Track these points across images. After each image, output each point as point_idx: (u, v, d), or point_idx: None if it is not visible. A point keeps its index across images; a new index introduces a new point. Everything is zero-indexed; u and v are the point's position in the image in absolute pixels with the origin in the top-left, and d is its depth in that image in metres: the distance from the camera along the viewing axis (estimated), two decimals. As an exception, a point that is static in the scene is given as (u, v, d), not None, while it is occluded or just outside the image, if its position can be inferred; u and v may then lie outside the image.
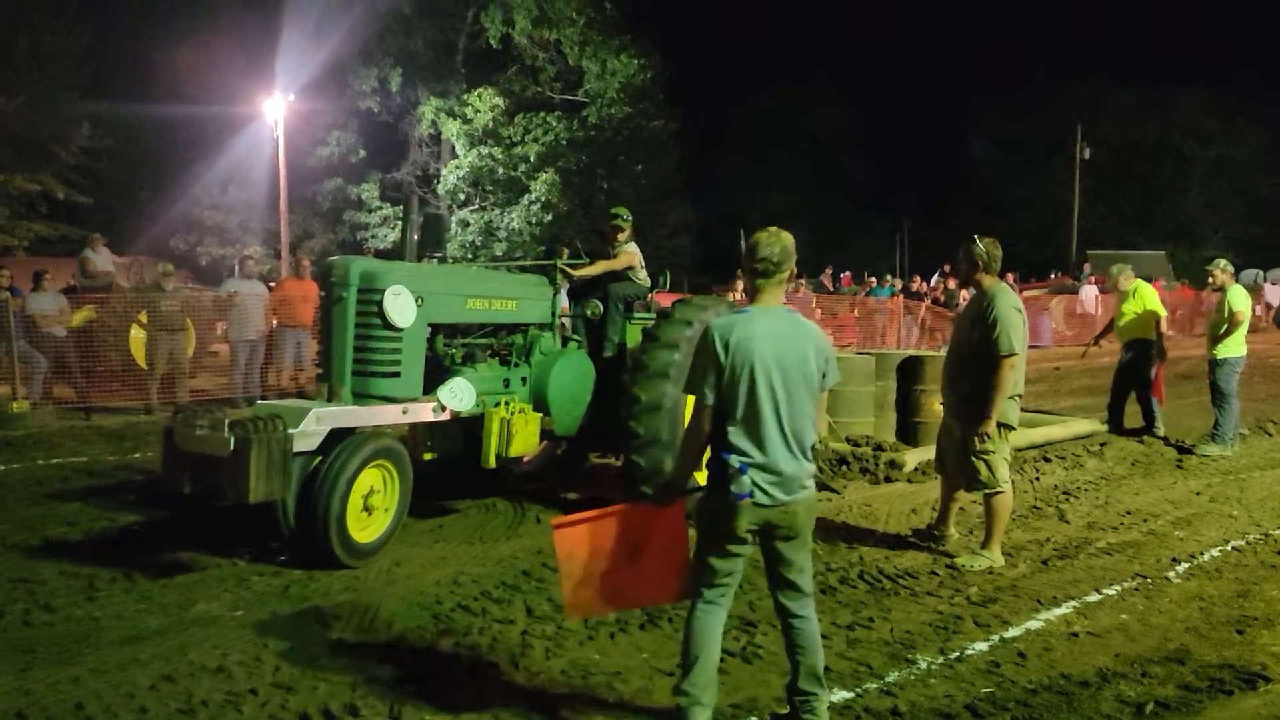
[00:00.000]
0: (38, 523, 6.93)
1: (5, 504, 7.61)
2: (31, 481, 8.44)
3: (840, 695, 4.30)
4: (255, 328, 12.53)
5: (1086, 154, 42.23)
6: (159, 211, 30.54)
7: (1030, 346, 20.63)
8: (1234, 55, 57.17)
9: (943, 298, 21.12)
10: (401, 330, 6.11)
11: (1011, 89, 51.85)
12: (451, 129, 29.51)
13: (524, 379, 7.08)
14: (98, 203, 30.97)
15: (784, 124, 50.14)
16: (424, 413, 6.28)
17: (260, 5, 28.92)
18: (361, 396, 6.06)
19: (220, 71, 29.04)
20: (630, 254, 7.89)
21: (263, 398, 10.71)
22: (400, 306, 6.05)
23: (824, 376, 3.73)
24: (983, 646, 4.86)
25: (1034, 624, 5.18)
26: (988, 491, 6.15)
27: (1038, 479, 8.66)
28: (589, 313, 7.54)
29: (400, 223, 29.30)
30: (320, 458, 5.69)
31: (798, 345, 3.65)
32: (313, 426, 5.55)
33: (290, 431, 5.40)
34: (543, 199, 29.17)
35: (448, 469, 6.99)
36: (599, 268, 7.80)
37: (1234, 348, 9.93)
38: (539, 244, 28.76)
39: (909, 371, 9.64)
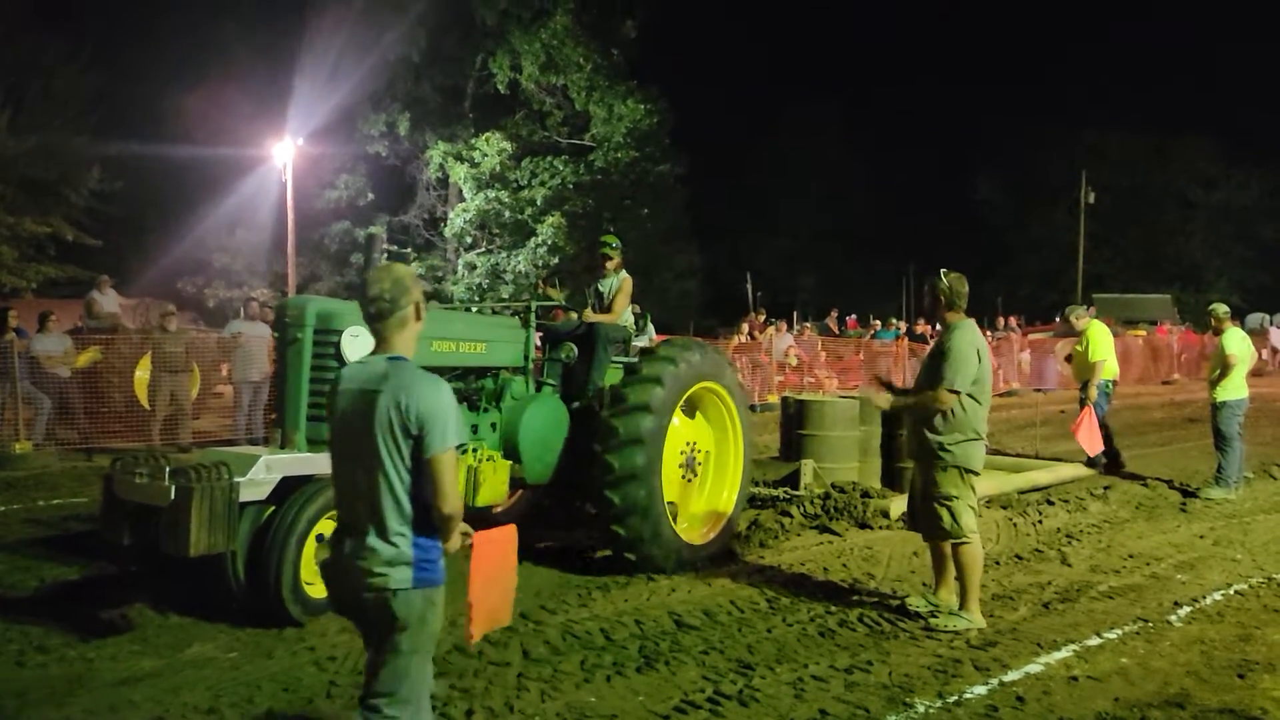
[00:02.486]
0: (35, 563, 6.93)
1: (4, 544, 7.61)
2: (31, 522, 8.45)
3: (836, 739, 4.27)
4: (259, 369, 12.58)
5: (1091, 198, 42.34)
6: (167, 254, 30.74)
7: (1035, 389, 20.64)
8: (1238, 101, 57.61)
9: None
10: None
11: (1017, 134, 52.18)
12: (459, 173, 29.75)
13: (494, 425, 6.76)
14: (107, 245, 31.21)
15: (791, 168, 50.47)
16: None
17: (271, 51, 29.30)
18: (318, 443, 5.74)
19: (230, 116, 29.38)
20: (629, 282, 7.75)
21: (265, 440, 10.68)
22: (359, 348, 5.72)
23: (419, 439, 3.02)
24: (981, 690, 4.82)
25: (1033, 668, 5.13)
26: (954, 542, 5.80)
27: (1040, 522, 8.62)
28: (564, 356, 7.25)
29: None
30: (273, 508, 5.45)
31: (377, 401, 3.04)
32: (262, 475, 5.32)
33: (236, 480, 5.16)
34: (549, 242, 29.31)
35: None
36: (619, 309, 7.62)
37: (1234, 390, 9.93)
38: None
39: (893, 416, 9.44)
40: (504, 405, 6.80)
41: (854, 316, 27.90)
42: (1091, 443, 10.60)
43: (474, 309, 8.44)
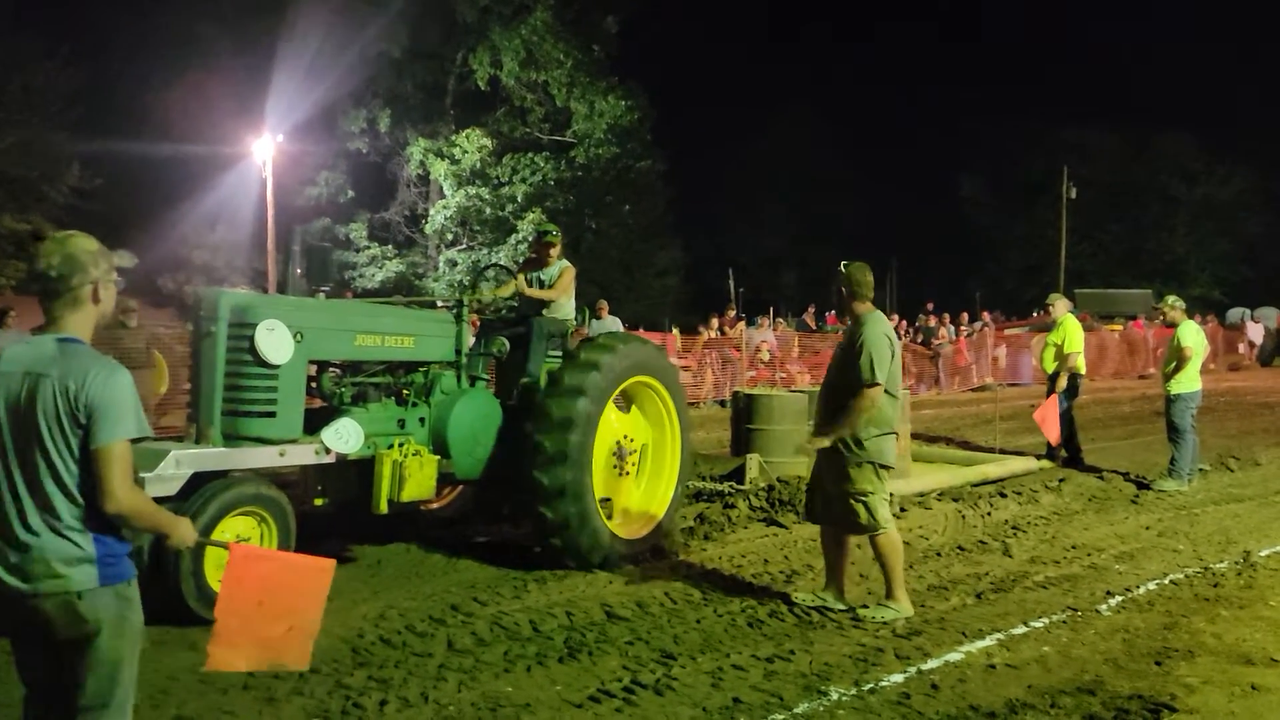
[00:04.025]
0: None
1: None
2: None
3: (745, 726, 4.32)
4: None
5: (1073, 194, 42.50)
6: (148, 250, 30.58)
7: (1009, 384, 20.70)
8: (1220, 96, 57.75)
9: (921, 336, 21.21)
10: (277, 367, 5.74)
11: (999, 131, 52.27)
12: (439, 169, 29.80)
13: (422, 419, 6.67)
14: (87, 242, 31.07)
15: (774, 164, 50.54)
16: (304, 455, 5.95)
17: (252, 48, 29.27)
18: (233, 438, 5.69)
19: (210, 112, 29.34)
20: (571, 270, 7.72)
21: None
22: (275, 342, 5.68)
23: (87, 428, 2.76)
24: (898, 678, 4.87)
25: (954, 656, 5.18)
26: (871, 534, 5.78)
27: (989, 514, 8.66)
28: (495, 350, 7.21)
29: (387, 261, 29.27)
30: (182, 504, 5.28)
31: (41, 386, 2.76)
32: (170, 470, 5.22)
33: (143, 475, 5.05)
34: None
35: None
36: (560, 288, 7.60)
37: (1187, 383, 10.01)
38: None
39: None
40: (433, 400, 6.74)
41: (833, 312, 27.91)
42: (1053, 431, 10.67)
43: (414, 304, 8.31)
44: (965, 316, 25.32)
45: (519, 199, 29.84)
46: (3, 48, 29.75)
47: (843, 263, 5.98)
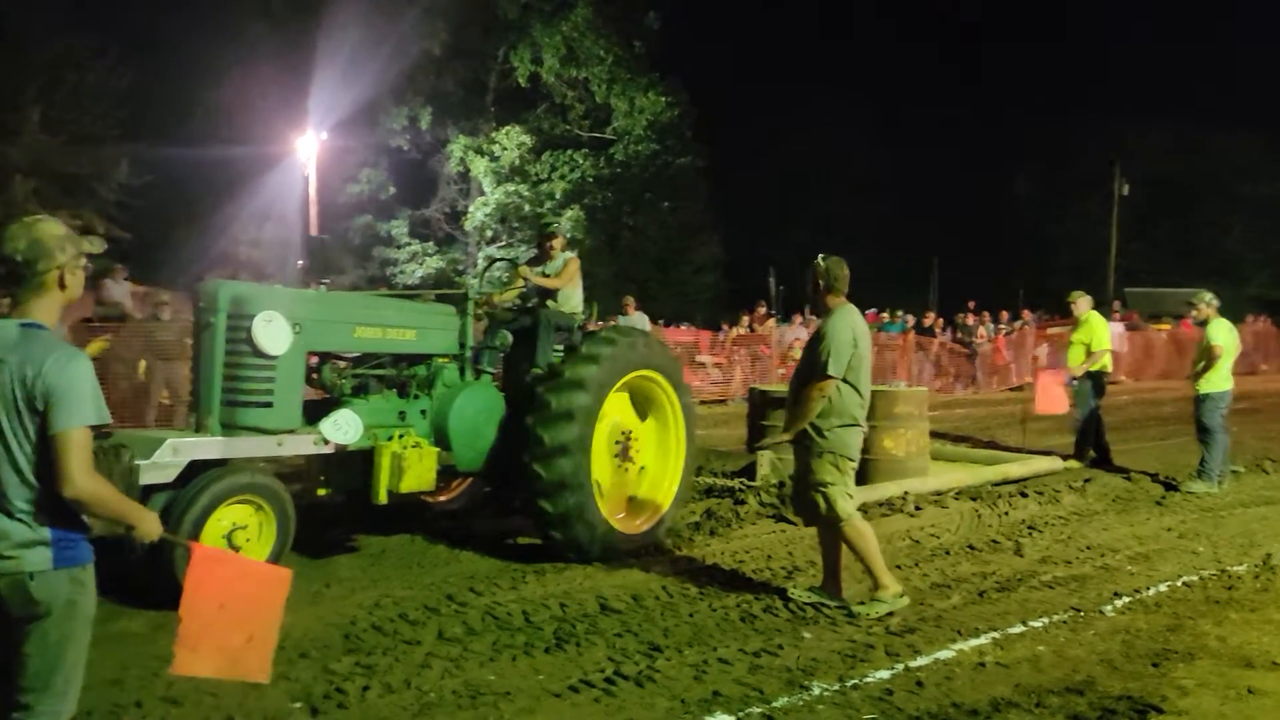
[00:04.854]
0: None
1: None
2: None
3: (720, 718, 4.31)
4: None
5: (1125, 190, 41.75)
6: (195, 247, 31.21)
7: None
8: (1277, 90, 56.40)
9: (958, 335, 20.96)
10: (274, 358, 5.81)
11: (1049, 126, 51.45)
12: (479, 166, 29.97)
13: (423, 411, 6.73)
14: (136, 238, 31.76)
15: (815, 160, 50.17)
16: (303, 445, 6.01)
17: (295, 46, 29.63)
18: (231, 428, 5.77)
19: (255, 110, 29.78)
20: (575, 261, 7.73)
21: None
22: (272, 333, 5.76)
23: (44, 414, 2.79)
24: (884, 675, 4.82)
25: (945, 654, 5.12)
26: (834, 525, 5.75)
27: (1007, 513, 8.55)
28: (498, 343, 7.22)
29: (427, 258, 29.56)
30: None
31: (1, 372, 2.81)
32: (168, 458, 5.29)
33: (138, 463, 5.16)
34: (568, 235, 29.41)
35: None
36: (565, 277, 7.60)
37: (1217, 382, 9.80)
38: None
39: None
40: (435, 392, 6.78)
41: (874, 310, 27.65)
42: (1051, 403, 10.61)
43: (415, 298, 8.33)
44: (1004, 315, 24.95)
45: (557, 196, 29.93)
46: (55, 48, 30.44)
47: (819, 256, 5.95)
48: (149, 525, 3.10)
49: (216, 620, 3.25)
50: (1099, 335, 10.84)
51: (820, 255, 5.98)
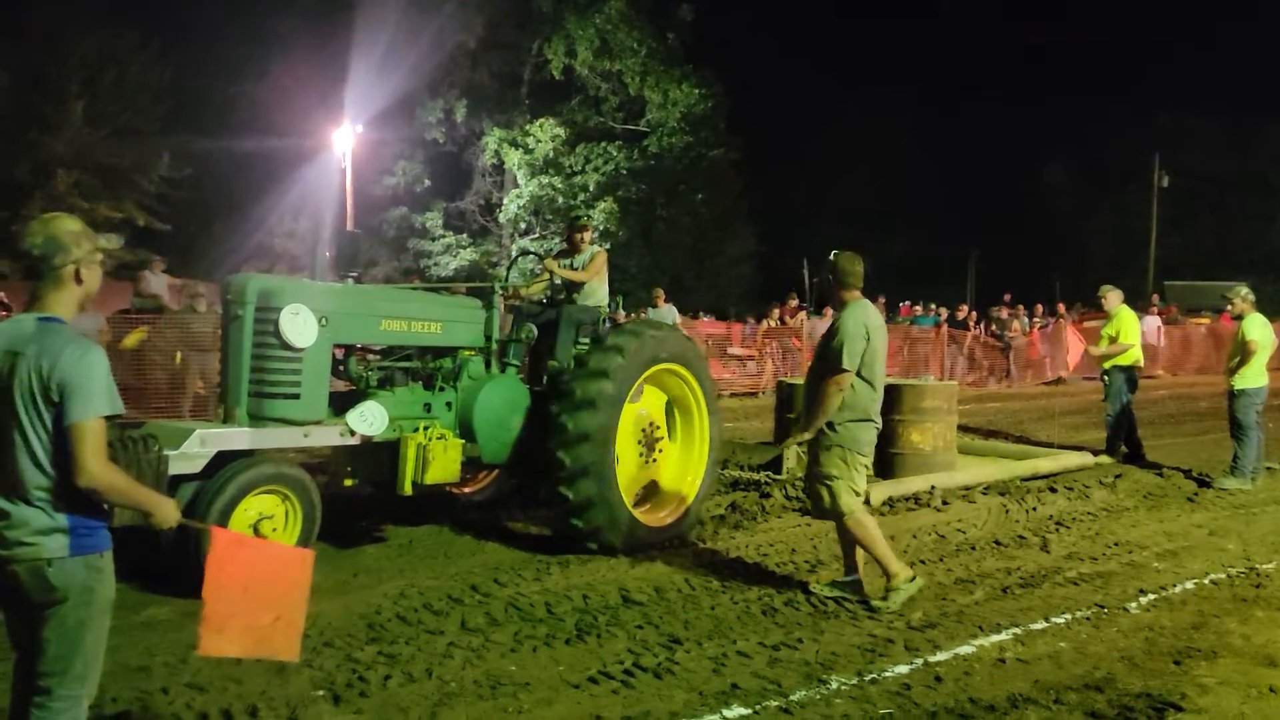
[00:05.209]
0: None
1: None
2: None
3: (737, 711, 4.33)
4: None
5: (1165, 182, 41.20)
6: (233, 239, 31.61)
7: (1085, 378, 20.21)
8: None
9: (993, 328, 20.80)
10: (301, 350, 5.90)
11: (1086, 116, 50.87)
12: (513, 159, 30.11)
13: (449, 403, 6.79)
14: (176, 230, 32.19)
15: (850, 152, 49.90)
16: (329, 436, 6.09)
17: (331, 39, 29.87)
18: (258, 419, 5.86)
19: (293, 104, 30.08)
20: (602, 254, 7.78)
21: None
22: (299, 326, 5.84)
23: (60, 405, 2.87)
24: (903, 669, 4.83)
25: (965, 649, 5.13)
26: (837, 520, 5.80)
27: (1034, 509, 8.50)
28: (523, 336, 7.26)
29: (462, 250, 29.74)
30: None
31: (18, 364, 2.89)
32: (195, 448, 5.38)
33: (166, 453, 5.23)
34: (601, 227, 29.48)
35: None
36: (591, 271, 7.68)
37: (1252, 378, 9.68)
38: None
39: (886, 400, 9.18)
40: (460, 385, 6.84)
41: (907, 303, 27.51)
42: (1069, 358, 11.11)
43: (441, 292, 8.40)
44: (1039, 308, 24.71)
45: (591, 188, 30.01)
46: (98, 42, 30.88)
47: (833, 251, 5.99)
48: (166, 512, 3.18)
49: (241, 602, 3.29)
50: (1125, 328, 10.76)
51: (834, 250, 6.01)
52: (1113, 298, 11.02)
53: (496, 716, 4.24)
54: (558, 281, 7.91)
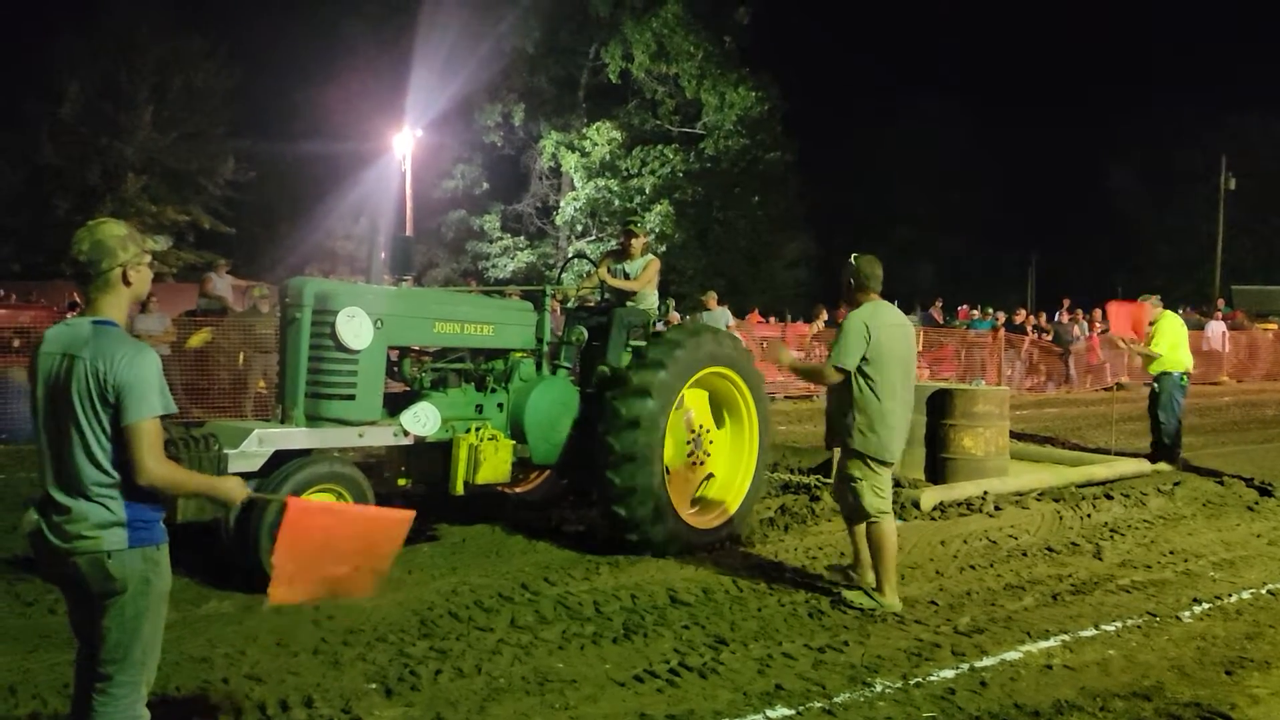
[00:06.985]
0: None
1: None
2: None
3: (780, 712, 4.38)
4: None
5: (1232, 184, 40.27)
6: (296, 241, 32.23)
7: (1146, 384, 19.87)
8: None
9: (1053, 333, 20.52)
10: (357, 352, 6.05)
11: (1152, 118, 49.85)
12: (570, 162, 30.35)
13: (500, 405, 6.91)
14: (240, 232, 32.88)
15: (912, 154, 49.42)
16: (383, 436, 6.22)
17: (392, 44, 30.35)
18: (315, 419, 6.00)
19: (355, 109, 30.61)
20: (655, 263, 7.84)
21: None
22: (355, 328, 6.00)
23: (116, 406, 2.97)
24: (948, 674, 4.84)
25: (1012, 655, 5.11)
26: (865, 522, 5.86)
27: (1089, 516, 8.42)
28: (574, 339, 7.32)
29: (519, 252, 30.02)
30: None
31: (75, 367, 2.99)
32: (254, 447, 5.54)
33: (226, 452, 5.40)
34: (657, 230, 29.59)
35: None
36: (644, 281, 7.76)
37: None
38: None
39: (938, 405, 9.19)
40: (512, 386, 6.95)
41: (966, 306, 27.21)
42: (1124, 325, 11.06)
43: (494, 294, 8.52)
44: (1098, 313, 24.29)
45: (647, 191, 30.15)
46: (167, 49, 31.66)
47: (853, 254, 6.06)
48: (231, 488, 3.30)
49: (315, 559, 3.43)
50: (1159, 337, 10.61)
51: (853, 254, 6.08)
52: (1150, 309, 10.89)
53: (543, 712, 4.33)
54: (605, 286, 7.99)
